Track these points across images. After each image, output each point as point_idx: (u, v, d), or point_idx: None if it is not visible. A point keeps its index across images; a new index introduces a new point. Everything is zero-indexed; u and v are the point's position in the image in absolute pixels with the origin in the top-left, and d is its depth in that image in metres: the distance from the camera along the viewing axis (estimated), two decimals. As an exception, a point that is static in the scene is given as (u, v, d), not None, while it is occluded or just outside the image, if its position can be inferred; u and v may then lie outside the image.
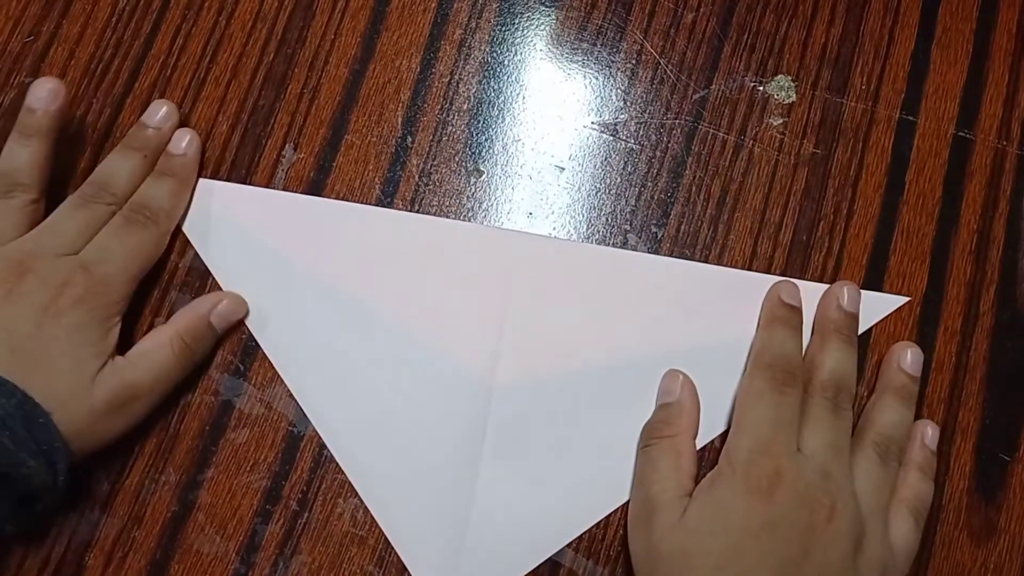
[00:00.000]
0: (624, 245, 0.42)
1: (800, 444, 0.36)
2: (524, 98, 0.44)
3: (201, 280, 0.41)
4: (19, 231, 0.38)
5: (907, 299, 0.42)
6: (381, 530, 0.39)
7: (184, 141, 0.41)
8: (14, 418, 0.32)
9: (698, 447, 0.39)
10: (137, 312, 0.40)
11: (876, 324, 0.41)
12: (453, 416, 0.39)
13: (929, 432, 0.39)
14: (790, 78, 0.45)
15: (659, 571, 0.34)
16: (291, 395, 0.40)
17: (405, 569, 0.38)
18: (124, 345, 0.37)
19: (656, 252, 0.42)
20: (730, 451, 0.36)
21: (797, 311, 0.39)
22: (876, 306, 0.41)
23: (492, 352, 0.40)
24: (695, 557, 0.33)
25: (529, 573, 0.38)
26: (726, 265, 0.42)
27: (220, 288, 0.41)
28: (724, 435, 0.39)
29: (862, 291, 0.41)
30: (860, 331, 0.41)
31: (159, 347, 0.38)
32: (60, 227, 0.38)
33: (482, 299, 0.40)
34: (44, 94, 0.39)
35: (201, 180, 0.42)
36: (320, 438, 0.39)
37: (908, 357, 0.39)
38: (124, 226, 0.38)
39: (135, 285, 0.38)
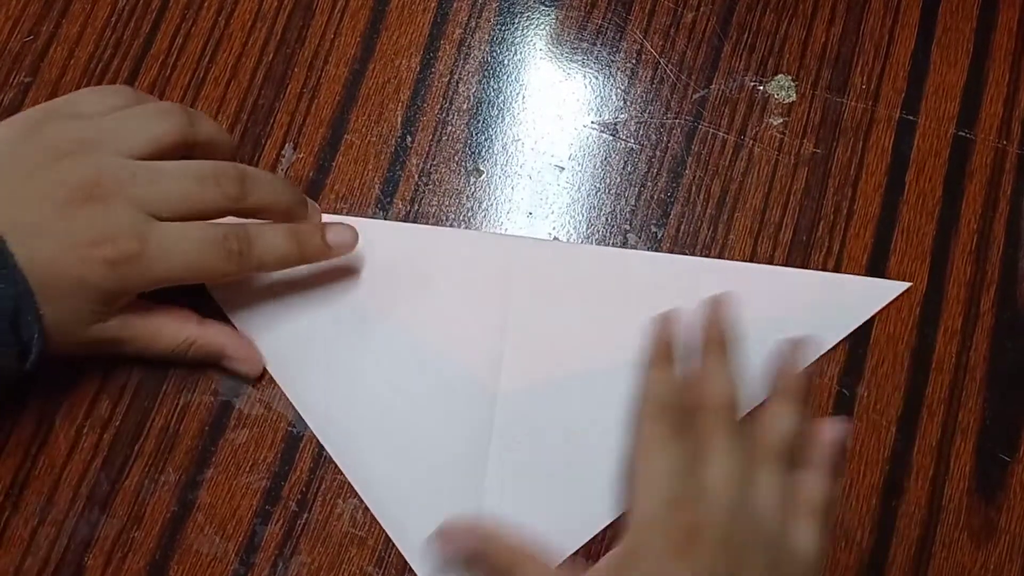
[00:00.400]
0: (624, 245, 0.42)
1: (703, 477, 0.32)
2: (524, 98, 0.44)
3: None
4: (146, 147, 0.35)
5: (908, 284, 0.42)
6: (381, 530, 0.38)
7: (339, 236, 0.38)
8: (4, 311, 0.32)
9: None
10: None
11: (876, 324, 0.41)
12: (458, 421, 0.39)
13: (828, 430, 0.35)
14: (790, 78, 0.44)
15: None
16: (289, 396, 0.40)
17: (405, 570, 0.38)
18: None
19: (656, 252, 0.42)
20: (638, 518, 0.32)
21: (675, 345, 0.36)
22: (877, 293, 0.41)
23: (495, 356, 0.40)
24: None
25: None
26: (726, 265, 0.42)
27: None
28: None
29: (863, 277, 0.41)
30: (863, 319, 0.41)
31: (170, 338, 0.37)
32: (164, 178, 0.35)
33: (483, 304, 0.40)
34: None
35: None
36: (318, 439, 0.39)
37: (791, 355, 0.37)
38: (212, 243, 0.35)
39: (170, 285, 0.36)
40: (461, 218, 0.42)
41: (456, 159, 0.43)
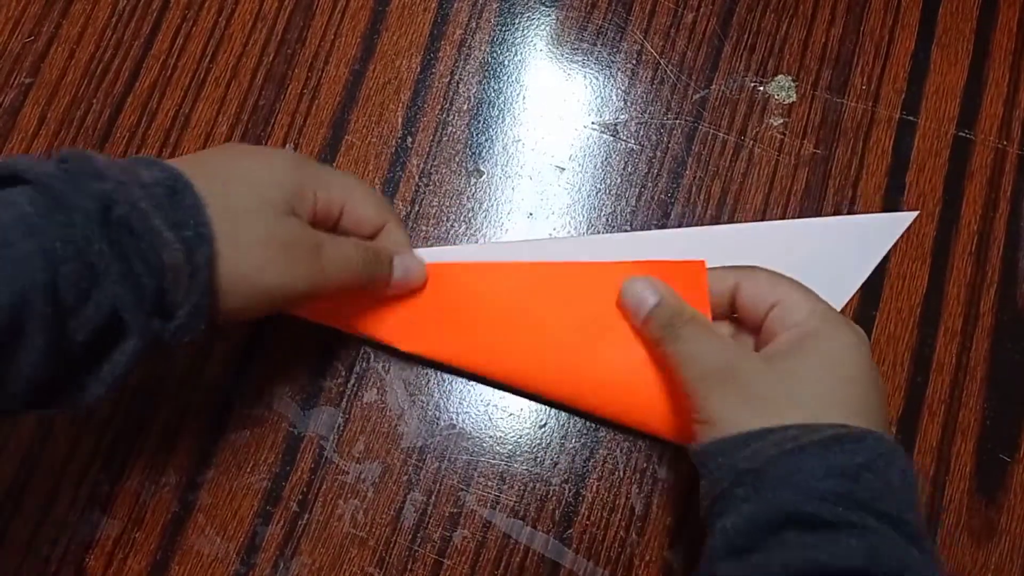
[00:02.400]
0: (624, 246, 0.42)
1: None
2: (524, 98, 0.44)
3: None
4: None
5: (916, 212, 0.42)
6: (381, 531, 0.39)
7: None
8: (160, 190, 0.29)
9: None
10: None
11: (876, 325, 0.41)
12: None
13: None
14: (790, 78, 0.44)
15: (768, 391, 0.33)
16: (290, 396, 0.40)
17: (405, 570, 0.38)
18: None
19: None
20: (814, 311, 0.35)
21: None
22: (890, 226, 0.42)
23: None
24: (815, 384, 0.33)
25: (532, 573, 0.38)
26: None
27: None
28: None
29: (872, 214, 0.43)
30: (879, 258, 0.42)
31: (350, 244, 0.35)
32: None
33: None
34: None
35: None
36: (319, 440, 0.39)
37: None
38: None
39: (331, 198, 0.35)
40: (462, 219, 0.42)
41: (456, 160, 0.43)
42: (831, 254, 0.42)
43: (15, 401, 0.28)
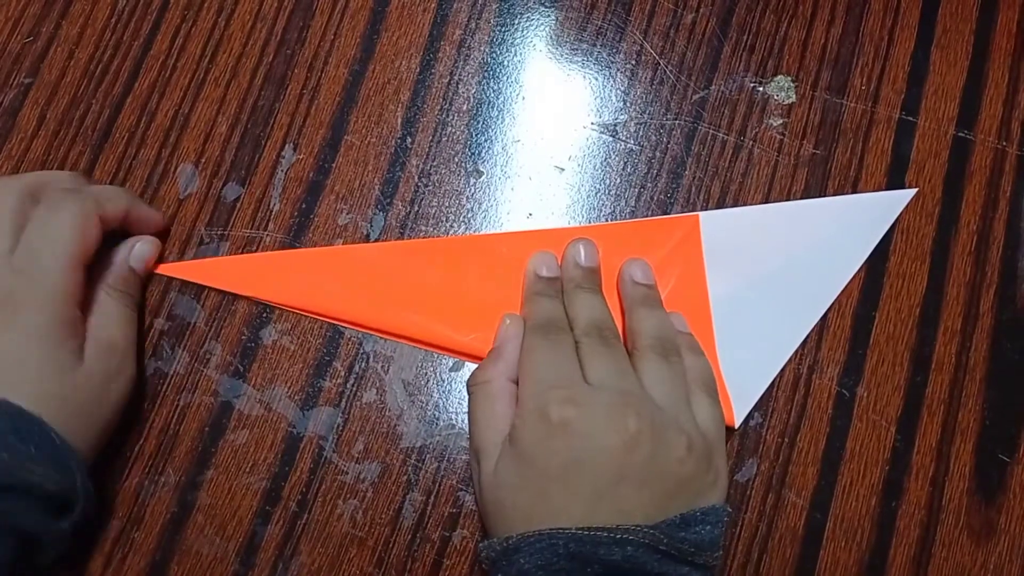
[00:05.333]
0: (624, 246, 0.42)
1: (587, 377, 0.36)
2: (524, 99, 0.44)
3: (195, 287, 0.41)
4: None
5: (916, 190, 0.43)
6: (381, 531, 0.39)
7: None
8: (5, 432, 0.32)
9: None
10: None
11: (876, 325, 0.41)
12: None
13: (678, 322, 0.40)
14: (790, 78, 0.44)
15: (485, 520, 0.36)
16: (289, 396, 0.40)
17: (404, 570, 0.38)
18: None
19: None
20: (521, 403, 0.36)
21: (553, 280, 0.40)
22: (887, 205, 0.43)
23: None
24: (507, 511, 0.34)
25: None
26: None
27: None
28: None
29: (869, 193, 0.42)
30: (881, 234, 0.42)
31: (104, 303, 0.38)
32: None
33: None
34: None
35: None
36: (318, 440, 0.39)
37: (637, 270, 0.40)
38: (45, 207, 0.36)
39: (78, 272, 0.36)
40: (461, 219, 0.42)
41: (456, 160, 0.43)
42: (833, 233, 0.42)
43: None
